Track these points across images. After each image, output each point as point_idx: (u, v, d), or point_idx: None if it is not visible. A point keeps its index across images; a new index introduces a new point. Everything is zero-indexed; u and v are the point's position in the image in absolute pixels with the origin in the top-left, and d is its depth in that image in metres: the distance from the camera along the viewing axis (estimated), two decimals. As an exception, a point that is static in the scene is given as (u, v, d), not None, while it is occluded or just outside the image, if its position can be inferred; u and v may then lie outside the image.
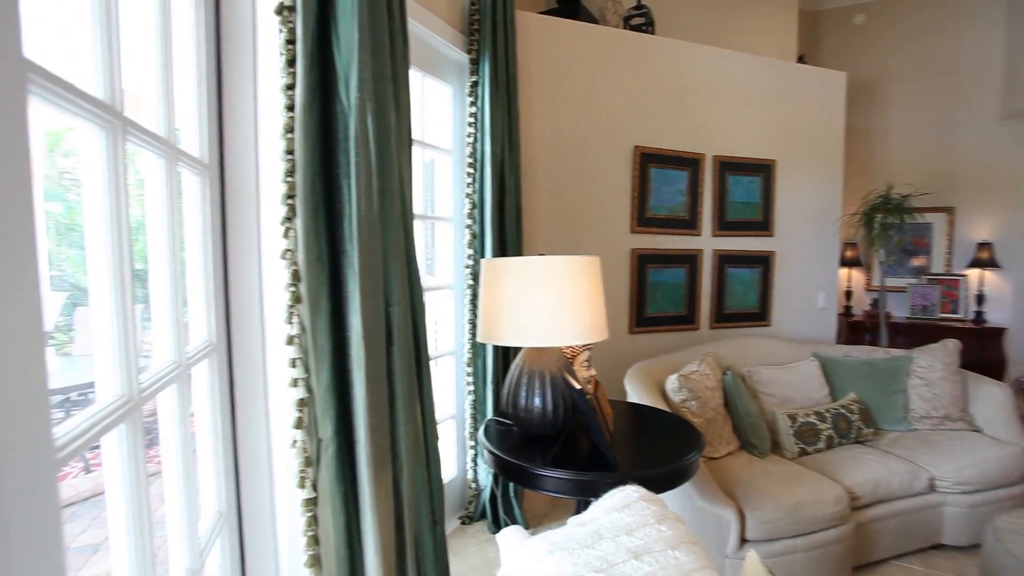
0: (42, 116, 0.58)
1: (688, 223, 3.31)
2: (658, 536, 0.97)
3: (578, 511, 1.80)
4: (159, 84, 0.84)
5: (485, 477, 2.57)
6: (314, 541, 1.29)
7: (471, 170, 2.42)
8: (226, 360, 1.16)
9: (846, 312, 5.17)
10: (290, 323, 1.18)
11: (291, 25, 1.21)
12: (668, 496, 1.79)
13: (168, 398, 0.84)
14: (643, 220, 3.18)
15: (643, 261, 3.19)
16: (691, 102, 3.27)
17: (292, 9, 1.20)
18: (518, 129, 2.58)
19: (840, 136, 3.68)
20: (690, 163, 3.27)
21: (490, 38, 2.40)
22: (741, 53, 3.39)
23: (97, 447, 0.63)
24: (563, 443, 1.68)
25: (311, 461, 1.25)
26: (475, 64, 2.41)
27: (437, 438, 1.63)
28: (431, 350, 1.78)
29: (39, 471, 0.43)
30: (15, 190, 0.41)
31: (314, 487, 1.27)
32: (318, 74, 1.23)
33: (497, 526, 2.51)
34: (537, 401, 1.69)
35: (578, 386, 1.58)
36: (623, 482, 1.18)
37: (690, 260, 3.32)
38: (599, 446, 1.57)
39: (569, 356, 1.96)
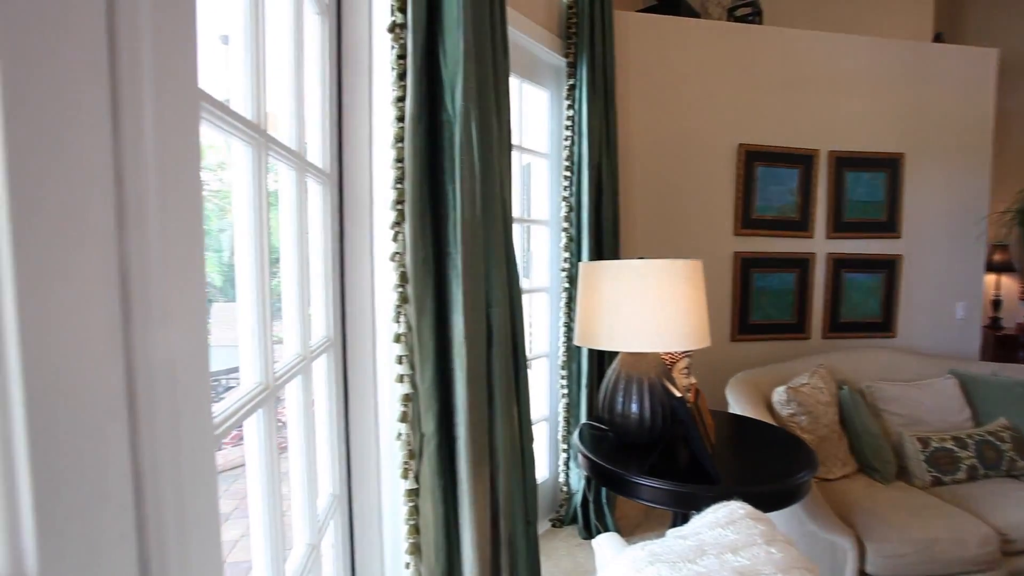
0: (204, 136, 0.66)
1: (798, 224, 3.07)
2: (767, 558, 0.91)
3: (675, 524, 1.74)
4: (292, 103, 0.93)
5: (577, 481, 2.56)
6: (415, 530, 1.35)
7: (568, 173, 2.42)
8: (341, 355, 1.25)
9: (993, 324, 4.53)
10: (398, 322, 1.26)
11: (402, 41, 1.28)
12: (774, 517, 1.67)
13: (294, 388, 0.92)
14: (748, 222, 3.00)
15: (747, 265, 3.01)
16: (804, 94, 3.03)
17: (403, 26, 1.27)
18: (616, 131, 2.55)
19: (988, 123, 3.23)
20: (802, 160, 3.04)
21: (587, 40, 2.39)
22: (863, 37, 3.10)
23: (240, 427, 0.70)
24: (661, 452, 1.63)
25: (414, 454, 1.32)
26: (572, 67, 2.41)
27: (532, 439, 1.65)
28: (526, 352, 1.80)
29: (204, 443, 0.50)
30: (192, 203, 0.47)
31: (416, 479, 1.33)
32: (426, 85, 1.29)
33: (588, 531, 2.49)
34: (634, 407, 1.65)
35: (678, 394, 1.53)
36: (726, 497, 1.12)
37: (800, 264, 3.08)
38: (700, 457, 1.51)
39: (668, 362, 1.90)
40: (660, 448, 1.65)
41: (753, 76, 2.97)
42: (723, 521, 1.02)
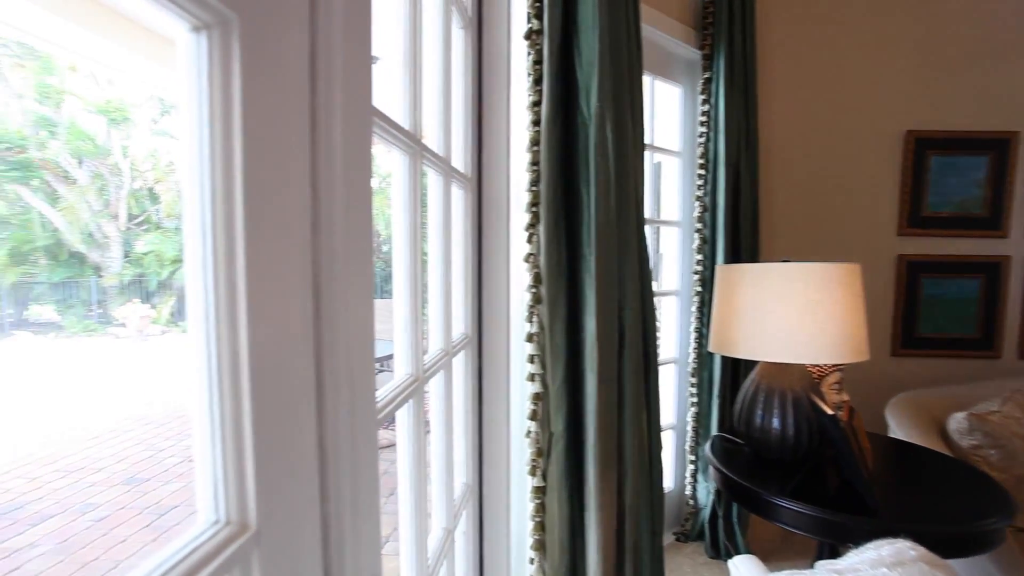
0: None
1: (987, 222, 2.61)
2: (948, 611, 0.79)
3: (820, 555, 1.57)
4: (439, 113, 0.99)
5: (705, 496, 2.42)
6: (540, 527, 1.37)
7: (702, 171, 2.30)
8: (477, 351, 1.31)
9: None
10: (530, 322, 1.29)
11: (538, 46, 1.31)
12: (955, 566, 1.44)
13: (436, 381, 0.98)
14: (916, 220, 2.62)
15: (915, 269, 2.63)
16: (1000, 66, 2.57)
17: (539, 32, 1.30)
18: (756, 124, 2.37)
19: None
20: (993, 145, 2.58)
21: (726, 30, 2.25)
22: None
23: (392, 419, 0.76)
24: (806, 474, 1.49)
25: (542, 452, 1.34)
26: (708, 60, 2.29)
27: (661, 447, 1.59)
28: (657, 357, 1.74)
29: (370, 425, 0.55)
30: (364, 209, 0.53)
31: (544, 477, 1.35)
32: (561, 89, 1.31)
33: (716, 550, 2.34)
34: (775, 422, 1.53)
35: (829, 411, 1.38)
36: (889, 533, 0.99)
37: (988, 269, 2.62)
38: (854, 484, 1.35)
39: (816, 376, 1.72)
40: (805, 469, 1.51)
41: (930, 50, 2.58)
42: (889, 561, 0.90)
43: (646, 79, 2.23)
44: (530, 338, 1.30)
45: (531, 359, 1.31)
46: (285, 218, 0.40)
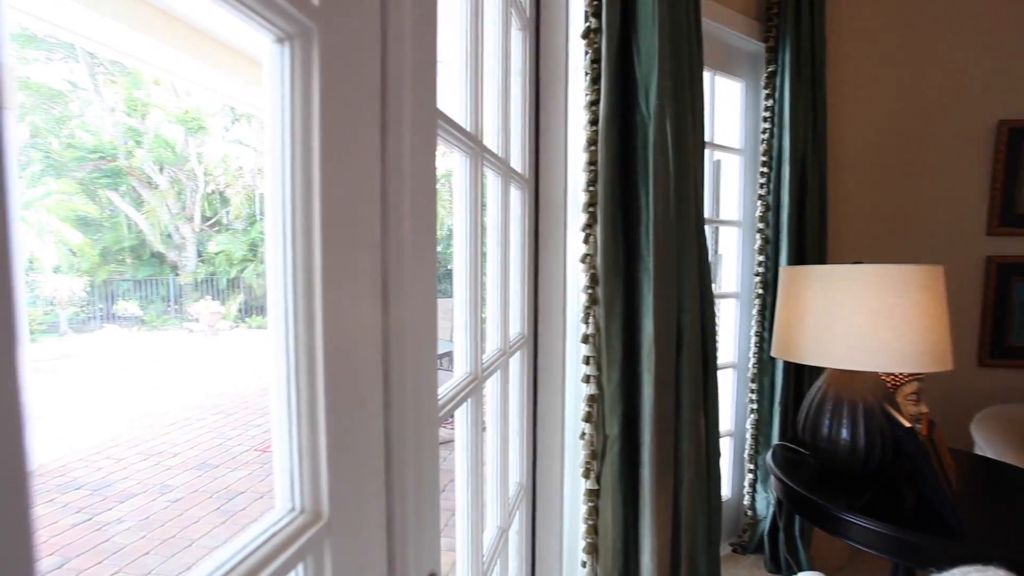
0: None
1: (1091, 221, 2.38)
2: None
3: (896, 576, 1.47)
4: (498, 114, 1.00)
5: (765, 507, 2.32)
6: (593, 530, 1.36)
7: (765, 169, 2.21)
8: (532, 352, 1.32)
9: None
10: (586, 323, 1.27)
11: (596, 45, 1.30)
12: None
13: (492, 380, 0.99)
14: (1009, 218, 2.41)
15: (1006, 272, 2.42)
16: (1105, 52, 2.33)
17: (597, 31, 1.29)
18: (824, 119, 2.25)
19: None
20: (1099, 137, 2.34)
21: (792, 19, 2.15)
22: None
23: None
24: (878, 489, 1.40)
25: (596, 454, 1.32)
26: (772, 52, 2.19)
27: (719, 454, 1.54)
28: (716, 361, 1.69)
29: (432, 421, 0.56)
30: (430, 210, 0.54)
31: (597, 480, 1.34)
32: (619, 87, 1.29)
33: (776, 564, 2.24)
34: (844, 433, 1.44)
35: (906, 423, 1.29)
36: (978, 559, 0.91)
37: (1092, 273, 2.38)
38: (935, 503, 1.26)
39: (890, 385, 1.62)
40: (877, 484, 1.42)
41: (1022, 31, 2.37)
42: (978, 587, 0.84)
43: (706, 75, 2.17)
44: (586, 339, 1.29)
45: (586, 360, 1.29)
46: (358, 219, 0.41)
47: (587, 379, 1.31)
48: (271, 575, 0.34)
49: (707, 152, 2.26)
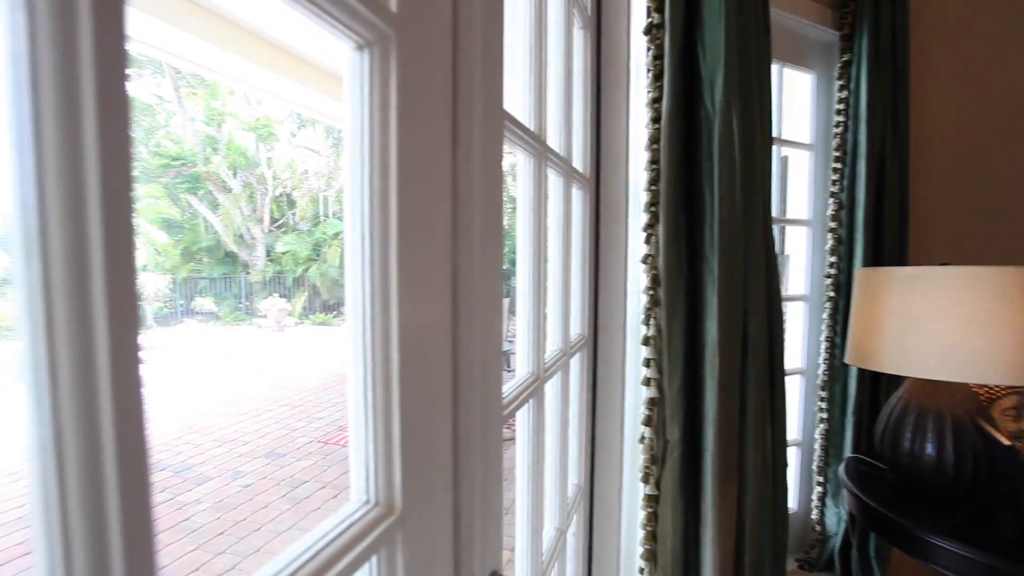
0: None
1: None
2: None
3: (987, 606, 1.36)
4: (560, 114, 1.00)
5: (835, 522, 2.19)
6: (651, 537, 1.33)
7: (838, 165, 2.09)
8: (592, 353, 1.30)
9: None
10: (647, 325, 1.25)
11: (658, 41, 1.27)
12: None
13: (552, 382, 0.99)
14: (1125, 216, 2.17)
15: (1121, 276, 2.18)
16: None
17: (660, 26, 1.26)
18: (907, 110, 2.10)
19: None
20: None
21: (871, 4, 2.02)
22: None
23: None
24: (970, 511, 1.29)
25: (656, 459, 1.29)
26: (847, 40, 2.07)
27: (786, 464, 1.47)
28: (783, 366, 1.62)
29: (497, 420, 0.57)
30: (497, 211, 0.54)
31: (657, 485, 1.30)
32: (682, 83, 1.25)
33: (849, 585, 2.11)
34: (929, 448, 1.34)
35: (1005, 441, 1.18)
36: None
37: None
38: (1037, 529, 1.15)
39: (984, 398, 1.49)
40: (968, 506, 1.31)
41: None
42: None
43: (774, 67, 2.07)
44: (646, 341, 1.26)
45: (647, 363, 1.27)
46: (431, 220, 0.42)
47: (647, 382, 1.28)
48: (348, 564, 0.35)
49: (774, 148, 2.16)
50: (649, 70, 1.27)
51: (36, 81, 0.18)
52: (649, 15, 1.26)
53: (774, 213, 2.34)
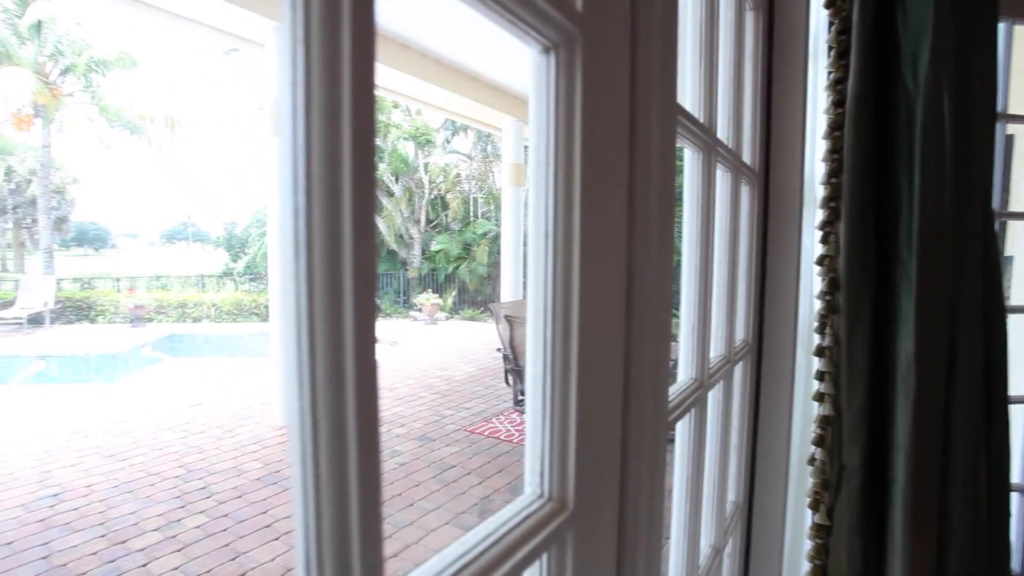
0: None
1: None
2: None
3: None
4: (728, 102, 0.93)
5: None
6: (820, 571, 1.18)
7: (1089, 144, 1.67)
8: (755, 360, 1.20)
9: None
10: (822, 334, 1.11)
11: (844, 13, 1.12)
12: None
13: (715, 390, 0.93)
14: None
15: None
16: None
17: (847, -3, 1.11)
18: None
19: None
20: None
21: None
22: None
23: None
24: None
25: (829, 485, 1.15)
26: (1110, -13, 1.64)
27: (1008, 515, 1.22)
28: (1006, 392, 1.34)
29: (661, 426, 0.55)
30: (669, 207, 0.52)
31: (828, 514, 1.16)
32: (874, 59, 1.10)
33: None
34: None
35: None
36: None
37: None
38: None
39: None
40: None
41: None
42: None
43: (1000, 27, 1.72)
44: (820, 352, 1.12)
45: (820, 376, 1.13)
46: (610, 219, 0.42)
47: (820, 397, 1.14)
48: (523, 558, 0.36)
49: (997, 126, 1.79)
50: (831, 48, 1.13)
51: (308, 106, 0.21)
52: (833, -15, 1.12)
53: (994, 205, 1.94)
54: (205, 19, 4.89)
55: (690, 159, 0.75)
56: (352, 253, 0.21)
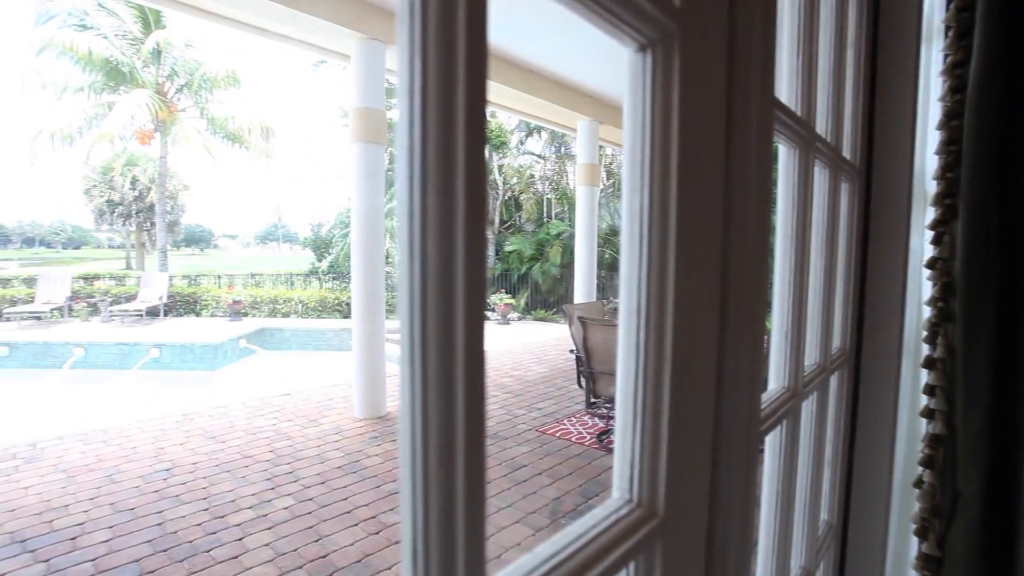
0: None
1: None
2: None
3: None
4: (828, 93, 0.87)
5: None
6: (929, 606, 1.08)
7: None
8: (852, 370, 1.12)
9: None
10: (933, 343, 1.01)
11: (965, -9, 1.02)
12: None
13: (808, 401, 0.87)
14: None
15: None
16: None
17: (969, -28, 1.01)
18: None
19: None
20: None
21: None
22: None
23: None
24: None
25: (940, 512, 1.05)
26: None
27: None
28: None
29: (753, 434, 0.52)
30: (765, 208, 0.50)
31: (939, 545, 1.05)
32: (1003, 36, 0.98)
33: None
34: None
35: None
36: None
37: None
38: None
39: None
40: None
41: None
42: None
43: None
44: (931, 364, 1.02)
45: (930, 391, 1.03)
46: (705, 221, 0.41)
47: (929, 414, 1.04)
48: (612, 563, 0.35)
49: None
50: (949, 28, 1.03)
51: (425, 112, 0.22)
52: (952, -40, 1.02)
53: None
54: (297, 35, 5.24)
55: (785, 155, 0.70)
56: (464, 256, 0.22)
